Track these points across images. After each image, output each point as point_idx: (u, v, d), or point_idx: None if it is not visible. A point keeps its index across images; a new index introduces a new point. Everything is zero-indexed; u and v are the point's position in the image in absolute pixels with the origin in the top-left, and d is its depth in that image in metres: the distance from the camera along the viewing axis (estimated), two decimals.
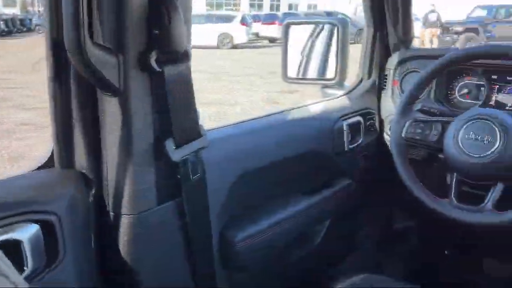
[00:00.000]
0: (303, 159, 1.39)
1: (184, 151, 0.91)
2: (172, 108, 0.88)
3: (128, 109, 0.83)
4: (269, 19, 20.78)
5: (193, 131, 0.94)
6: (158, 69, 0.84)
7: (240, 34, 18.20)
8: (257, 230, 1.23)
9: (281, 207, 1.34)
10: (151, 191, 0.90)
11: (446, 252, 2.11)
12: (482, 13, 14.62)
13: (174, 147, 0.89)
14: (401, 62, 1.67)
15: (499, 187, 1.19)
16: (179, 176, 0.92)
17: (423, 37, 12.89)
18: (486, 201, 1.19)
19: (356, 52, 1.80)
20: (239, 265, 1.21)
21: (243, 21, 18.42)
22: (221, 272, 1.15)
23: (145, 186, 0.89)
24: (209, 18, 18.56)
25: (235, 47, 17.90)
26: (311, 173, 1.48)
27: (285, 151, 1.33)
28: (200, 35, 15.98)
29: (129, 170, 0.85)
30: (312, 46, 1.71)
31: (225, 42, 17.98)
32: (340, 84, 1.67)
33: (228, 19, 18.61)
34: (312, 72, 1.71)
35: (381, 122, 1.71)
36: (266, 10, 31.79)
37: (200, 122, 0.96)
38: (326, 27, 1.65)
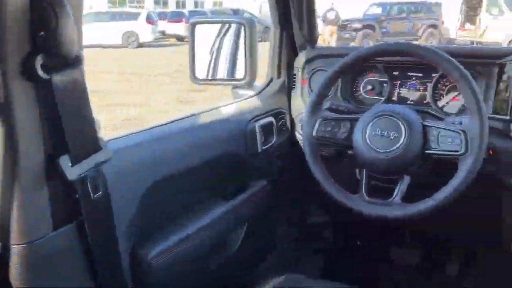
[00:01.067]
0: (216, 163, 1.35)
1: (82, 168, 0.81)
2: (65, 120, 0.78)
3: (12, 125, 0.72)
4: (176, 17, 20.40)
5: (92, 144, 0.84)
6: (45, 77, 0.73)
7: (146, 33, 17.67)
8: (172, 243, 1.16)
9: (196, 216, 1.28)
10: (44, 215, 0.79)
11: (358, 243, 2.19)
12: (378, 10, 15.58)
13: (70, 164, 0.79)
14: (308, 61, 1.69)
15: (406, 180, 1.23)
16: (77, 196, 0.82)
17: (324, 35, 13.44)
18: (394, 194, 1.22)
19: (266, 51, 1.79)
20: (155, 283, 1.13)
21: (149, 19, 17.89)
22: None
23: (38, 211, 0.78)
24: (113, 16, 17.77)
25: (141, 45, 17.36)
26: (225, 177, 1.44)
27: (198, 156, 1.28)
28: (103, 33, 15.25)
29: (17, 195, 0.74)
30: (220, 46, 1.67)
31: (131, 41, 17.36)
32: (250, 84, 1.65)
33: (133, 16, 17.95)
34: (222, 73, 1.67)
35: (292, 121, 1.71)
36: (172, 7, 31.16)
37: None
38: (233, 26, 1.62)
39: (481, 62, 1.40)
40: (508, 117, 1.28)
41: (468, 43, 13.06)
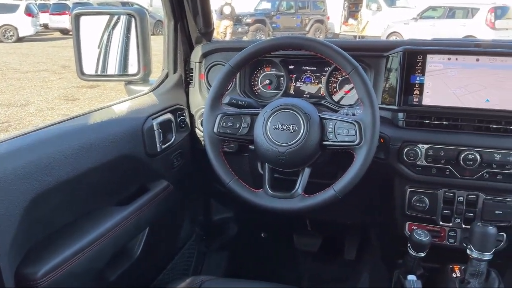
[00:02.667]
0: (112, 167, 1.24)
1: None
2: None
3: None
4: (59, 9, 18.91)
5: None
6: None
7: (25, 26, 16.16)
8: (63, 258, 1.05)
9: (91, 225, 1.18)
10: None
11: (262, 235, 2.22)
12: (267, 5, 15.98)
13: None
14: (205, 55, 1.65)
15: (307, 171, 1.26)
16: None
17: (218, 29, 13.48)
18: (296, 186, 1.24)
19: (159, 45, 1.71)
20: None
21: (28, 11, 16.37)
22: None
23: None
24: None
25: (20, 40, 15.90)
26: (122, 181, 1.34)
27: (90, 160, 1.16)
28: None
29: None
30: (109, 39, 1.55)
31: (8, 35, 15.81)
32: (145, 80, 1.56)
33: (10, 9, 16.29)
34: (113, 68, 1.56)
35: (192, 117, 1.66)
36: None
37: None
38: (123, 18, 1.52)
39: (370, 55, 1.47)
40: (396, 107, 1.35)
41: (352, 38, 13.97)
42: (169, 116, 1.51)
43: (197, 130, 1.65)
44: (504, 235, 1.39)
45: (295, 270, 2.18)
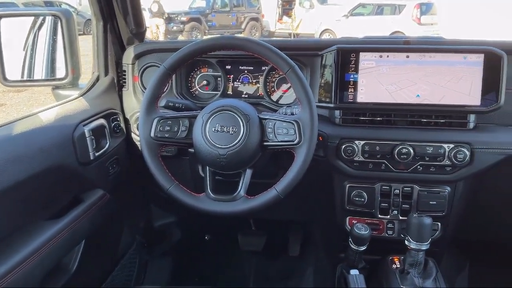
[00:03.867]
0: (42, 177, 1.16)
1: None
2: None
3: None
4: None
5: None
6: None
7: None
8: None
9: (22, 242, 1.10)
10: None
11: (206, 238, 2.19)
12: (202, 3, 15.82)
13: None
14: (138, 57, 1.59)
15: (248, 173, 1.25)
16: None
17: (151, 28, 13.16)
18: (238, 189, 1.23)
19: (90, 45, 1.63)
20: None
21: None
22: None
23: None
24: None
25: None
26: (55, 192, 1.26)
27: (19, 172, 1.07)
28: None
29: None
30: (35, 42, 1.47)
31: None
32: (74, 84, 1.48)
33: None
34: (39, 72, 1.47)
35: (127, 121, 1.60)
36: None
37: None
38: (48, 19, 1.44)
39: (305, 54, 1.48)
40: (332, 105, 1.37)
41: (287, 36, 14.17)
42: (102, 121, 1.44)
43: (133, 135, 1.59)
44: (439, 224, 1.46)
45: (241, 270, 2.18)
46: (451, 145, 1.33)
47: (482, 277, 1.94)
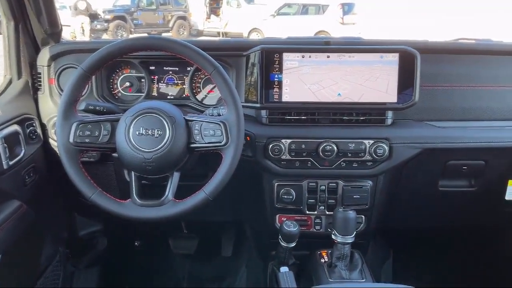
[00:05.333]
0: None
1: None
2: None
3: None
4: None
5: None
6: None
7: None
8: None
9: None
10: None
11: (136, 244, 2.13)
12: (127, 1, 15.34)
13: None
14: (54, 58, 1.50)
15: (176, 176, 1.22)
16: None
17: (74, 26, 12.57)
18: (166, 193, 1.20)
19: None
20: None
21: None
22: None
23: None
24: None
25: None
26: None
27: None
28: None
29: None
30: None
31: None
32: None
33: None
34: None
35: (44, 127, 1.51)
36: None
37: None
38: None
39: (230, 54, 1.48)
40: (258, 105, 1.38)
41: (215, 34, 14.13)
42: (15, 127, 1.35)
43: (50, 141, 1.50)
44: (363, 217, 1.52)
45: (174, 274, 2.14)
46: (371, 141, 1.39)
47: (405, 264, 2.05)
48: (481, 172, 1.53)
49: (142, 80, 1.54)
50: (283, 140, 1.40)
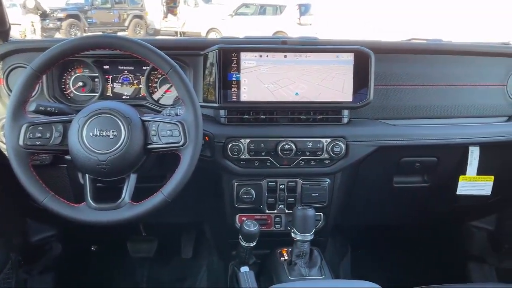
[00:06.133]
0: None
1: None
2: None
3: None
4: None
5: None
6: None
7: None
8: None
9: None
10: None
11: (92, 248, 2.07)
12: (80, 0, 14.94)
13: None
14: (1, 57, 1.44)
15: (133, 178, 1.20)
16: None
17: (25, 25, 12.10)
18: (123, 195, 1.17)
19: None
20: None
21: None
22: None
23: None
24: None
25: None
26: None
27: None
28: None
29: None
30: None
31: None
32: None
33: None
34: None
35: None
36: None
37: None
38: None
39: (187, 53, 1.46)
40: (216, 105, 1.37)
41: (173, 34, 13.97)
42: None
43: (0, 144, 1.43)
44: (322, 214, 1.54)
45: (132, 278, 2.10)
46: (329, 140, 1.42)
47: (362, 258, 2.10)
48: (433, 168, 1.59)
49: (96, 79, 1.50)
50: (242, 140, 1.40)
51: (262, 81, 1.37)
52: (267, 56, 1.36)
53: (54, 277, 1.88)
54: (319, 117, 1.44)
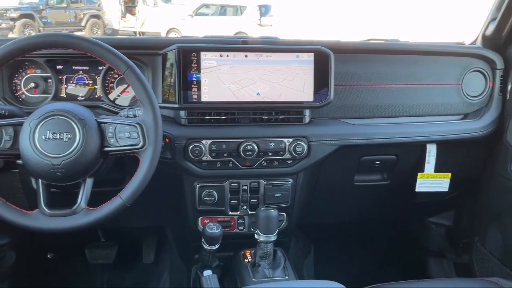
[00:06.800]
0: None
1: None
2: None
3: None
4: None
5: None
6: None
7: None
8: None
9: None
10: None
11: (49, 256, 1.99)
12: None
13: None
14: None
15: (89, 182, 1.16)
16: None
17: None
18: (78, 200, 1.13)
19: None
20: None
21: None
22: None
23: None
24: None
25: None
26: None
27: None
28: None
29: None
30: None
31: None
32: None
33: None
34: None
35: None
36: None
37: None
38: None
39: (145, 53, 1.42)
40: (176, 105, 1.34)
41: (132, 34, 13.71)
42: None
43: None
44: (285, 214, 1.54)
45: (92, 286, 2.03)
46: (291, 140, 1.41)
47: (326, 257, 2.12)
48: (393, 166, 1.62)
49: (49, 80, 1.44)
50: (203, 141, 1.37)
51: (223, 81, 1.35)
52: (227, 56, 1.35)
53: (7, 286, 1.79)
54: (281, 117, 1.43)
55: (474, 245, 1.80)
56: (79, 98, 1.45)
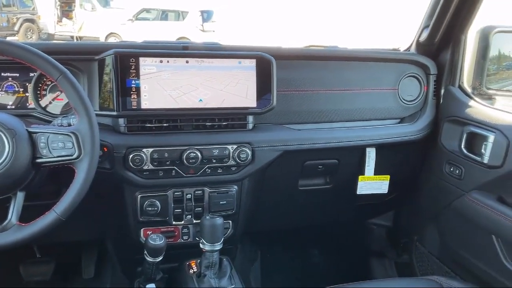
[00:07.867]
0: None
1: None
2: None
3: None
4: None
5: None
6: None
7: None
8: None
9: None
10: None
11: None
12: None
13: None
14: None
15: (20, 196, 1.08)
16: None
17: None
18: (9, 216, 1.06)
19: None
20: None
21: None
22: None
23: None
24: None
25: None
26: None
27: None
28: None
29: None
30: None
31: None
32: None
33: None
34: None
35: None
36: None
37: None
38: None
39: (79, 58, 1.36)
40: (115, 113, 1.29)
41: (69, 39, 13.20)
42: None
43: None
44: (230, 222, 1.52)
45: None
46: (235, 146, 1.40)
47: (272, 264, 2.12)
48: (335, 170, 1.65)
49: None
50: (144, 150, 1.33)
51: (163, 88, 1.31)
52: (168, 61, 1.31)
53: None
54: (224, 123, 1.41)
55: (413, 244, 1.87)
56: (9, 107, 1.36)
